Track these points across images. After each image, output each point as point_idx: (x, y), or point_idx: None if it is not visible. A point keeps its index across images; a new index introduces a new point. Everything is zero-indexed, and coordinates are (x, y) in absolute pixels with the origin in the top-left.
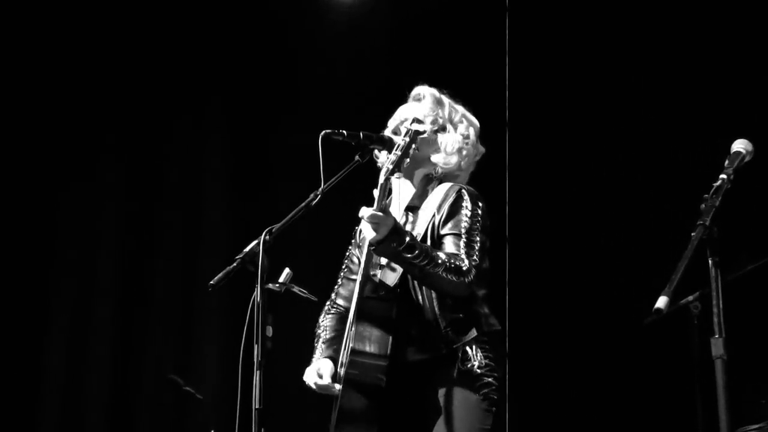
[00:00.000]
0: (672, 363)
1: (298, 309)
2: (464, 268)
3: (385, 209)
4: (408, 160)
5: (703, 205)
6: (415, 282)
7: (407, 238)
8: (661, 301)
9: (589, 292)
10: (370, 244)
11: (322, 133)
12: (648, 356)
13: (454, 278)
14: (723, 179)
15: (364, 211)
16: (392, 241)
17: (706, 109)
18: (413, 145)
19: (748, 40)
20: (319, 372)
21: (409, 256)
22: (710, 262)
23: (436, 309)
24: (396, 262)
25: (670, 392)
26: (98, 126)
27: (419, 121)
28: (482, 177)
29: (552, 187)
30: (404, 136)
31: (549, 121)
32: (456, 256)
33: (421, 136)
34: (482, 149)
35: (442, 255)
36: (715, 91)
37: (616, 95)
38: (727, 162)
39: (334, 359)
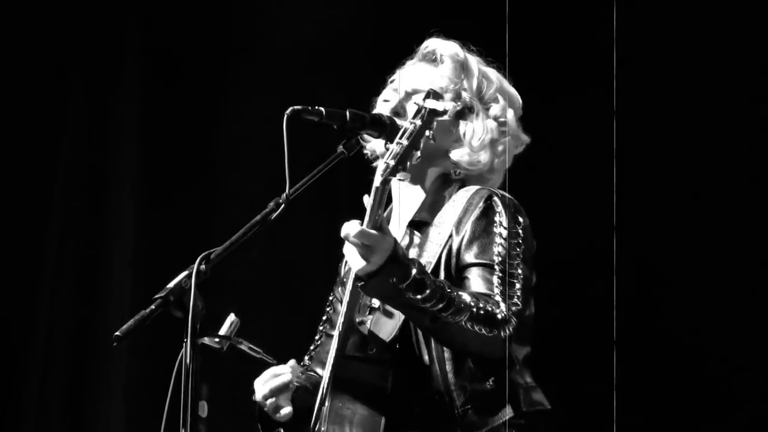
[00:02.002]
0: None
1: (247, 377)
2: (500, 317)
3: (381, 226)
4: (418, 153)
5: None
6: (420, 334)
7: (413, 270)
8: None
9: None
10: (357, 278)
11: (289, 110)
12: None
13: (484, 331)
14: None
15: (349, 228)
16: (391, 274)
17: None
18: (427, 132)
19: None
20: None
21: (416, 297)
22: None
23: (450, 376)
24: (396, 307)
25: None
26: None
27: (437, 96)
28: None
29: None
30: (413, 117)
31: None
32: (487, 297)
33: (440, 119)
34: (525, 138)
35: (466, 297)
36: None
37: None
38: None
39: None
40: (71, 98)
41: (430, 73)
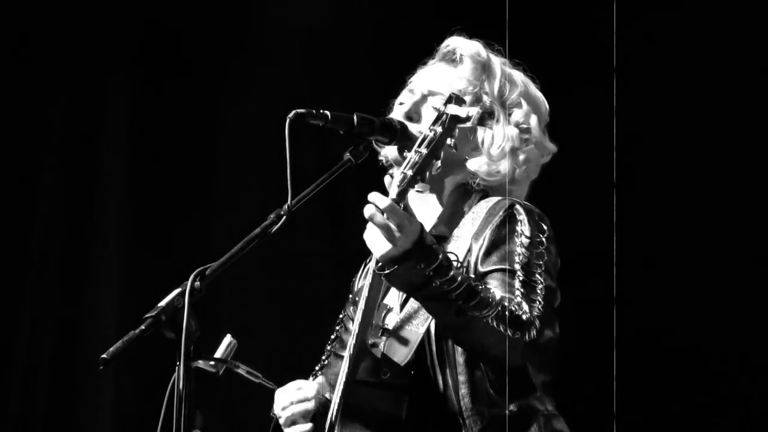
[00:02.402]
0: None
1: (245, 403)
2: (524, 319)
3: (406, 207)
4: (439, 163)
5: None
6: (435, 358)
7: (441, 257)
8: None
9: None
10: (379, 268)
11: (292, 113)
12: None
13: (509, 332)
14: None
15: (376, 199)
16: (419, 259)
17: None
18: (449, 140)
19: None
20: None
21: (443, 286)
22: None
23: (467, 401)
24: (420, 298)
25: None
26: None
27: (460, 101)
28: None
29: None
30: (433, 123)
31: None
32: (511, 300)
33: (463, 126)
34: (552, 147)
35: (494, 291)
36: None
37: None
38: None
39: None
40: (60, 97)
41: (449, 74)
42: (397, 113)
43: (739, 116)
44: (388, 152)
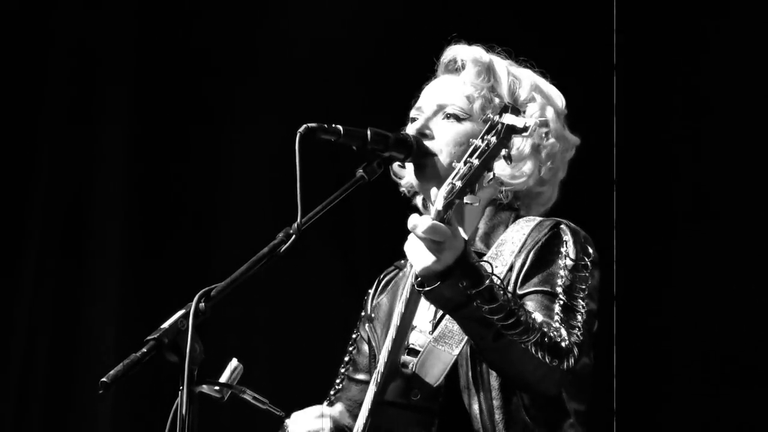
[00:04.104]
0: None
1: (252, 429)
2: (563, 346)
3: (450, 222)
4: (491, 175)
5: None
6: (470, 381)
7: (486, 276)
8: None
9: None
10: (419, 284)
11: (303, 128)
12: None
13: (547, 359)
14: None
15: (418, 220)
16: (461, 277)
17: None
18: (503, 151)
19: None
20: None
21: (485, 307)
22: None
23: (500, 426)
24: (458, 318)
25: None
26: None
27: (516, 111)
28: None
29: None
30: (486, 132)
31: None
32: (550, 325)
33: (520, 136)
34: (574, 139)
35: (537, 316)
36: None
37: None
38: None
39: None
40: (60, 106)
41: (454, 83)
42: (411, 130)
43: (739, 115)
44: (405, 173)
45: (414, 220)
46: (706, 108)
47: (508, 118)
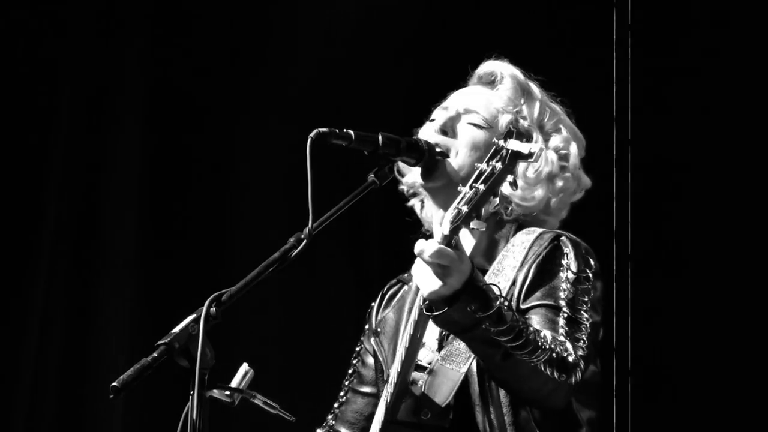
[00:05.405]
0: None
1: None
2: (570, 361)
3: (457, 246)
4: (497, 201)
5: None
6: (478, 398)
7: (494, 299)
8: None
9: None
10: (427, 308)
11: (314, 132)
12: None
13: (556, 375)
14: None
15: (425, 245)
16: (469, 301)
17: None
18: (509, 177)
19: None
20: None
21: (492, 329)
22: None
23: None
24: (466, 340)
25: None
26: None
27: (521, 136)
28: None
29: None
30: (490, 158)
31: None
32: (556, 341)
33: (525, 163)
34: (587, 182)
35: (546, 334)
36: None
37: None
38: None
39: None
40: (68, 115)
41: (486, 93)
42: (428, 129)
43: (740, 116)
44: (412, 178)
45: (421, 245)
46: (706, 109)
47: (513, 144)
